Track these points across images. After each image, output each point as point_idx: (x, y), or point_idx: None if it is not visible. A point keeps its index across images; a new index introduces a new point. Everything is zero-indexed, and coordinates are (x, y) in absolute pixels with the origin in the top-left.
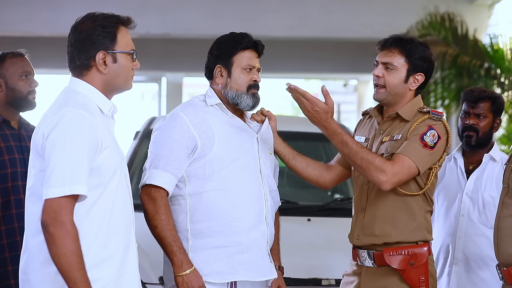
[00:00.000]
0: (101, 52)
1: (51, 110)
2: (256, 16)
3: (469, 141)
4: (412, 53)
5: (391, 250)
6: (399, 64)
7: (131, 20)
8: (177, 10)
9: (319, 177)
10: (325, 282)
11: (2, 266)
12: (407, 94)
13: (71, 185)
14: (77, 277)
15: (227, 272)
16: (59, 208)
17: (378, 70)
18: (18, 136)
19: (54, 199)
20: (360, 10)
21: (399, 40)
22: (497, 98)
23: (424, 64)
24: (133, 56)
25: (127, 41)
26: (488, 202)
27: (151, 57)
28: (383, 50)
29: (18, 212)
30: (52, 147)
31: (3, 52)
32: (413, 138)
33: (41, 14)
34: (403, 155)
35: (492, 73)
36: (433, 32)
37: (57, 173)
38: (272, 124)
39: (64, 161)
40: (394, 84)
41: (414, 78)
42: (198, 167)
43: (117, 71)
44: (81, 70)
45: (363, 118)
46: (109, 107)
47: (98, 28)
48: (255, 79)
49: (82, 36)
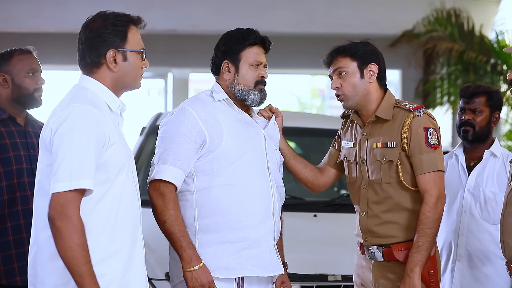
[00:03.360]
0: (111, 50)
1: (60, 106)
2: (262, 12)
3: (466, 136)
4: (354, 51)
5: (399, 246)
6: (349, 65)
7: (142, 20)
8: (183, 6)
9: (315, 179)
10: (331, 278)
11: (8, 263)
12: (370, 89)
13: (77, 179)
14: (83, 271)
15: (234, 267)
16: (66, 202)
17: (334, 82)
18: (24, 133)
19: (61, 193)
20: (366, 6)
21: (337, 48)
22: (494, 92)
23: (371, 55)
24: (142, 55)
25: (138, 40)
26: (490, 198)
27: (157, 53)
28: (330, 63)
29: (24, 208)
30: (59, 142)
31: (11, 49)
32: (422, 149)
33: (47, 10)
34: (426, 174)
35: (498, 69)
36: (439, 28)
37: (64, 167)
38: (278, 121)
39: (71, 156)
40: (353, 85)
41: (368, 71)
42: (207, 162)
43: (127, 69)
44: (91, 67)
45: (344, 121)
46: (118, 105)
47: (109, 26)
48: (262, 75)
49: (93, 34)
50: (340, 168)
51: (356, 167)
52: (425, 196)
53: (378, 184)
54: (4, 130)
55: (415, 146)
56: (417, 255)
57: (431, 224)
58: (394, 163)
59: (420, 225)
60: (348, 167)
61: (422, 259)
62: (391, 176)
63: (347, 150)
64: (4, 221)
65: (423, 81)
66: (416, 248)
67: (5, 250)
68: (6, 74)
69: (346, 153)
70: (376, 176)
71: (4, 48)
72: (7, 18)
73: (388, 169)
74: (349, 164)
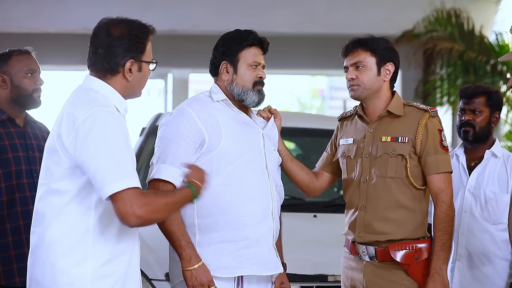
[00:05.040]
0: (130, 61)
1: (76, 109)
2: (261, 12)
3: (466, 136)
4: (375, 47)
5: (396, 245)
6: (368, 60)
7: (155, 30)
8: (183, 6)
9: (310, 183)
10: (331, 278)
11: (8, 264)
12: (383, 87)
13: (127, 178)
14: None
15: (234, 266)
16: (131, 202)
17: (350, 73)
18: (23, 134)
19: (118, 194)
20: (366, 6)
21: (359, 40)
22: (493, 92)
23: (390, 54)
24: (152, 65)
25: (150, 51)
26: (490, 198)
27: (157, 54)
28: (348, 54)
29: (23, 210)
30: (95, 149)
31: (9, 49)
32: (437, 150)
33: (46, 10)
34: (441, 174)
35: (498, 69)
36: (440, 28)
37: (112, 170)
38: (277, 122)
39: (113, 158)
40: (369, 79)
41: (385, 69)
42: (205, 162)
43: (139, 79)
44: (106, 73)
45: (340, 123)
46: (125, 107)
47: (134, 37)
48: (260, 76)
49: (116, 42)
50: (335, 172)
51: (357, 162)
52: (441, 195)
53: (381, 178)
54: (3, 131)
55: (430, 146)
56: (443, 252)
57: (451, 222)
58: (404, 157)
59: (442, 224)
60: (347, 164)
61: (447, 256)
62: (397, 171)
63: (345, 147)
64: (3, 222)
65: (423, 81)
66: (440, 246)
67: (4, 251)
68: (4, 74)
69: (345, 149)
70: (381, 169)
71: (3, 48)
72: (6, 18)
73: (396, 163)
74: (348, 160)
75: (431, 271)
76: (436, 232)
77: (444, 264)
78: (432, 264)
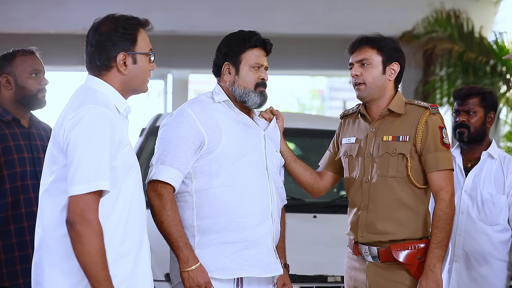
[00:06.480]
0: (122, 53)
1: (71, 107)
2: (261, 13)
3: (461, 137)
4: (382, 45)
5: (398, 246)
6: (374, 58)
7: (149, 22)
8: (183, 7)
9: (315, 183)
10: (331, 279)
11: (12, 265)
12: (387, 86)
13: (96, 181)
14: (100, 276)
15: (233, 268)
16: (86, 206)
17: (355, 69)
18: (28, 134)
19: (80, 196)
20: (366, 7)
21: (367, 38)
22: (488, 93)
23: (397, 54)
24: (151, 57)
25: (146, 42)
26: (487, 199)
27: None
28: (354, 51)
29: (28, 211)
30: (75, 144)
31: (13, 50)
32: (438, 147)
33: (46, 11)
34: (441, 172)
35: (498, 70)
36: (439, 29)
37: (81, 170)
38: (279, 123)
39: (88, 158)
40: (374, 77)
41: (390, 68)
42: (205, 164)
43: (136, 72)
44: (100, 70)
45: (342, 121)
46: (125, 107)
47: (120, 29)
48: (262, 77)
49: (104, 37)
50: (338, 171)
51: (359, 162)
52: (440, 192)
53: (383, 178)
54: (8, 132)
55: (430, 143)
56: (438, 250)
57: (450, 220)
58: (405, 156)
59: (439, 221)
60: (349, 163)
61: (443, 254)
62: (398, 170)
63: (348, 146)
64: (8, 224)
65: (422, 82)
66: (436, 244)
67: (9, 253)
68: (9, 75)
69: (347, 148)
70: (382, 169)
71: (3, 49)
72: (6, 19)
73: (397, 162)
74: (350, 160)
75: (425, 268)
76: (433, 229)
77: (438, 262)
78: (427, 261)
